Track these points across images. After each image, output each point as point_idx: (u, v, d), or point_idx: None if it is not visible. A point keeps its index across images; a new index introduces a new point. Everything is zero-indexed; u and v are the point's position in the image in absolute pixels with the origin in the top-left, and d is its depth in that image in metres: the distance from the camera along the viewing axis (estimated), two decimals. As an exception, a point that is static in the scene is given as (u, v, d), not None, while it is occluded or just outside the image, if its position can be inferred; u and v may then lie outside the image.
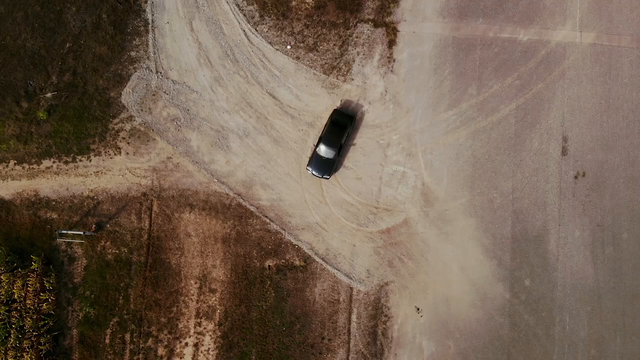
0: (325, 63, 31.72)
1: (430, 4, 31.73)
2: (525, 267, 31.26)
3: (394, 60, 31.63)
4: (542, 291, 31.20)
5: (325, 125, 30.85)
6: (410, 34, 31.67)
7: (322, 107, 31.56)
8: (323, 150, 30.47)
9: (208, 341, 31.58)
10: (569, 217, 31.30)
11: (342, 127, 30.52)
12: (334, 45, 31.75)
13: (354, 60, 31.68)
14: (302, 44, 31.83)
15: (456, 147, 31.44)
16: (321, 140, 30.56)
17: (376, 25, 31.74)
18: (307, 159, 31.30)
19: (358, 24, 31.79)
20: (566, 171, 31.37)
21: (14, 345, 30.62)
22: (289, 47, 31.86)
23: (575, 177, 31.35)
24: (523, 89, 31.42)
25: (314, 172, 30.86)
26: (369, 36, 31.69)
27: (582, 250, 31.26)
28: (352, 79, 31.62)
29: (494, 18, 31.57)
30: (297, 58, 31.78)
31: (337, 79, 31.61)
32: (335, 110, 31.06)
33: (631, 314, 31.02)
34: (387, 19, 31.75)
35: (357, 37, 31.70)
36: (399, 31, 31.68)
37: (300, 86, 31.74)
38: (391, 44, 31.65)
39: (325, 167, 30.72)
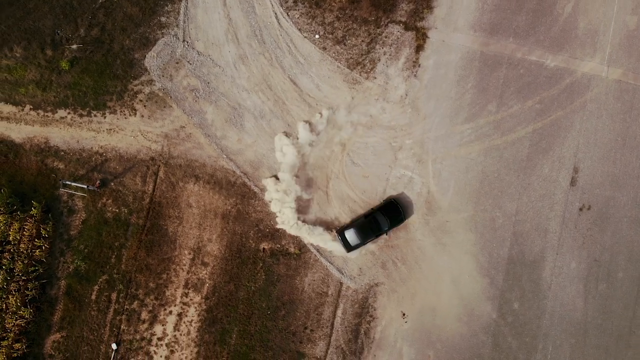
0: (351, 58, 31.77)
1: (463, 16, 31.76)
2: (517, 290, 31.24)
3: (419, 66, 31.66)
4: (529, 316, 31.19)
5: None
6: (439, 42, 31.70)
7: (340, 100, 31.62)
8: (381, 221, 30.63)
9: (192, 313, 31.69)
10: (567, 248, 31.27)
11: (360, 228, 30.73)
12: (362, 41, 31.80)
13: (379, 59, 31.73)
14: (330, 36, 31.89)
15: (467, 161, 31.45)
16: (377, 230, 30.63)
17: (407, 28, 31.78)
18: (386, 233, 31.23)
19: (389, 24, 31.83)
20: (572, 202, 31.34)
21: (1, 286, 30.81)
22: (317, 36, 31.93)
23: (580, 209, 31.32)
24: (542, 114, 31.42)
25: (393, 228, 31.07)
26: (398, 38, 31.74)
27: (576, 282, 31.23)
28: (375, 78, 31.66)
29: (524, 39, 31.56)
30: (324, 48, 31.85)
31: (360, 75, 31.66)
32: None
33: (614, 352, 30.98)
34: (418, 24, 31.78)
35: (386, 37, 31.75)
36: (428, 37, 31.71)
37: (322, 76, 31.81)
38: (419, 49, 31.68)
39: (394, 218, 30.71)
